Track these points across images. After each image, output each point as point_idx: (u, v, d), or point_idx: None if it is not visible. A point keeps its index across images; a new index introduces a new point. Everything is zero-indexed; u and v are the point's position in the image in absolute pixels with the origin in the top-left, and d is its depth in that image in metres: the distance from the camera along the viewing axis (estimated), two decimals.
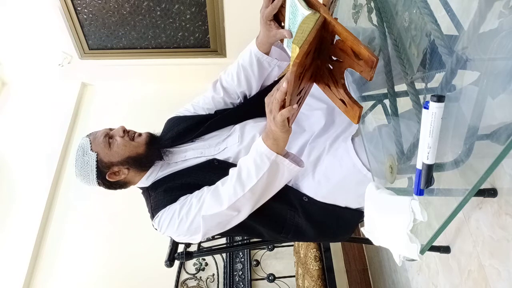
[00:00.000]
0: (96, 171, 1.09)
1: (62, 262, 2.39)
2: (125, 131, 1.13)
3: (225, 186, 1.00)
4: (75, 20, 2.63)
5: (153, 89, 3.03)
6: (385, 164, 0.80)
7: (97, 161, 1.09)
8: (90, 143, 1.10)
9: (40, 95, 3.02)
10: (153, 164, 1.14)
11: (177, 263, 1.74)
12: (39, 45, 2.79)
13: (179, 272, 2.29)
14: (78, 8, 2.59)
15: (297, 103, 0.87)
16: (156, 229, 1.09)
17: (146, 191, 1.15)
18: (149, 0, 2.54)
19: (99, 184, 1.13)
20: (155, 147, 1.14)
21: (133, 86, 3.07)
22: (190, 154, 1.15)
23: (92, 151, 1.09)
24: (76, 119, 2.97)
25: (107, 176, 1.11)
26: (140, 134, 1.14)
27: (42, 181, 2.59)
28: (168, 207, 1.06)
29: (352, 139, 1.03)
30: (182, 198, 1.06)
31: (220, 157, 1.12)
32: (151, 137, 1.15)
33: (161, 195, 1.09)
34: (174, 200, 1.07)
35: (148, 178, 1.15)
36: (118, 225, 2.45)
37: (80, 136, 2.85)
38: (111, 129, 1.15)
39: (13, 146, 2.77)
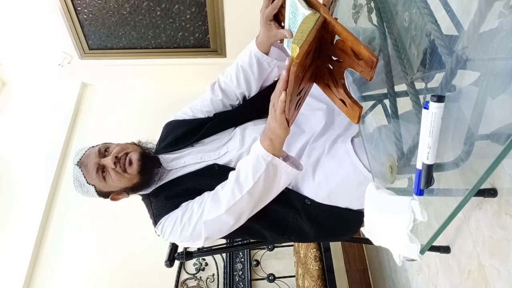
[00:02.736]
0: (99, 196, 1.12)
1: (62, 262, 2.39)
2: (116, 162, 1.06)
3: (224, 190, 0.99)
4: (75, 20, 2.63)
5: (153, 89, 3.03)
6: (385, 164, 0.80)
7: (96, 191, 1.10)
8: (84, 176, 1.08)
9: (40, 95, 3.01)
10: (152, 182, 1.13)
11: (177, 263, 1.74)
12: (39, 45, 2.79)
13: (179, 272, 2.29)
14: (78, 8, 2.59)
15: (297, 103, 0.87)
16: (159, 236, 1.09)
17: (147, 197, 1.15)
18: (149, 0, 2.54)
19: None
20: (149, 170, 1.11)
21: (133, 86, 3.07)
22: (189, 160, 1.14)
23: (89, 184, 1.08)
24: (76, 119, 2.97)
25: (109, 199, 1.14)
26: (130, 163, 1.07)
27: (42, 181, 2.59)
28: (170, 214, 1.06)
29: (352, 140, 1.03)
30: (184, 204, 1.06)
31: (221, 161, 1.12)
32: (142, 163, 1.09)
33: (163, 202, 1.09)
34: (175, 206, 1.06)
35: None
36: (118, 225, 2.45)
37: (80, 136, 2.86)
38: (100, 152, 1.09)
39: (13, 146, 2.77)
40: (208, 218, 0.99)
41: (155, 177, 1.12)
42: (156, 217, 1.08)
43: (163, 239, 1.08)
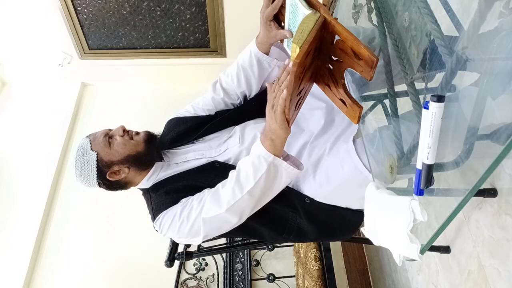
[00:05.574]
0: (97, 170, 1.08)
1: (62, 262, 2.39)
2: (125, 131, 1.13)
3: (225, 189, 1.00)
4: (75, 20, 2.63)
5: (153, 89, 3.03)
6: (385, 164, 0.80)
7: (97, 160, 1.08)
8: (90, 143, 1.10)
9: (40, 95, 3.01)
10: (153, 163, 1.14)
11: (177, 263, 1.74)
12: (39, 45, 2.79)
13: (179, 272, 2.29)
14: (78, 8, 2.59)
15: (297, 103, 0.87)
16: (157, 231, 1.09)
17: (147, 192, 1.15)
18: (149, 0, 2.54)
19: (99, 184, 1.12)
20: (154, 145, 1.14)
21: (133, 86, 3.07)
22: (191, 156, 1.14)
23: (92, 151, 1.08)
24: (76, 119, 2.97)
25: (107, 176, 1.10)
26: (138, 133, 1.14)
27: (42, 181, 2.59)
28: (169, 209, 1.06)
29: (354, 141, 1.03)
30: (183, 200, 1.06)
31: (221, 159, 1.12)
32: (149, 135, 1.14)
33: (162, 197, 1.09)
34: (175, 202, 1.06)
35: (149, 179, 1.14)
36: (118, 225, 2.45)
37: (80, 136, 2.85)
38: (110, 130, 1.15)
39: (13, 146, 2.77)
40: (208, 215, 0.99)
41: (156, 158, 1.13)
42: (155, 212, 1.08)
43: (161, 235, 1.08)
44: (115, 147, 1.09)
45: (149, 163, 1.13)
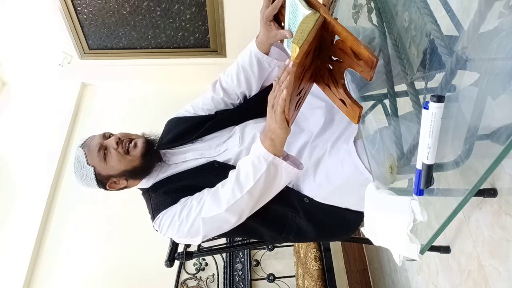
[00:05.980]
0: (96, 182, 1.11)
1: (62, 262, 2.39)
2: (119, 142, 1.09)
3: (224, 188, 1.00)
4: (75, 20, 2.63)
5: (153, 89, 3.03)
6: (385, 165, 0.80)
7: (95, 174, 1.09)
8: (86, 156, 1.09)
9: (40, 95, 3.01)
10: (151, 171, 1.13)
11: (177, 263, 1.74)
12: (39, 45, 2.79)
13: (179, 272, 2.29)
14: (78, 8, 2.59)
15: (296, 103, 0.87)
16: (156, 231, 1.09)
17: (147, 192, 1.15)
18: (149, 0, 2.54)
19: (101, 189, 1.15)
20: (151, 156, 1.12)
21: (133, 86, 3.07)
22: (190, 155, 1.14)
23: (89, 165, 1.08)
24: (76, 119, 2.97)
25: (107, 186, 1.13)
26: (135, 145, 1.10)
27: (42, 182, 2.59)
28: (168, 208, 1.06)
29: (354, 141, 1.03)
30: (182, 200, 1.06)
31: (221, 159, 1.12)
32: (146, 147, 1.11)
33: (162, 197, 1.09)
34: (174, 201, 1.06)
35: (149, 180, 1.15)
36: (118, 225, 2.45)
37: (80, 136, 2.85)
38: (105, 136, 1.12)
39: (13, 146, 2.77)
40: (207, 215, 0.99)
41: (155, 166, 1.13)
42: (155, 212, 1.09)
43: (161, 234, 1.08)
44: (110, 162, 1.08)
45: (147, 173, 1.13)
